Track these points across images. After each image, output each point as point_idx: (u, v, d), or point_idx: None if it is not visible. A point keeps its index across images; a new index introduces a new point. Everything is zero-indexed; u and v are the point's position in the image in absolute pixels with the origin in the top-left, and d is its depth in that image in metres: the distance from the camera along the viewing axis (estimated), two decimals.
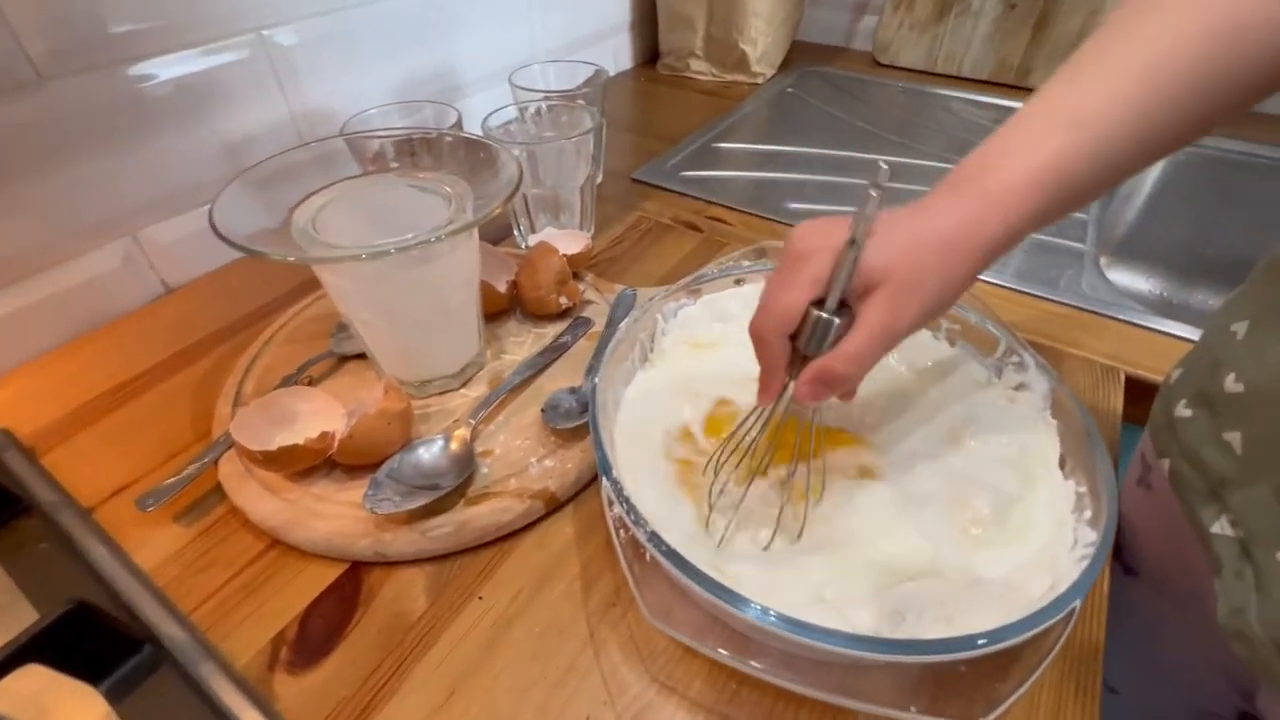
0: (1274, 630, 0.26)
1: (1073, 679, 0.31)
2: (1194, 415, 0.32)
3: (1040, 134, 0.27)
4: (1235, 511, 0.29)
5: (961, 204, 0.27)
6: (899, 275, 0.26)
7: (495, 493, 0.37)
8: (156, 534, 0.37)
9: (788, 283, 0.27)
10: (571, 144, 0.53)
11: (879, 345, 0.27)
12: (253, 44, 0.55)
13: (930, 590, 0.29)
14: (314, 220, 0.36)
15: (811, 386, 0.28)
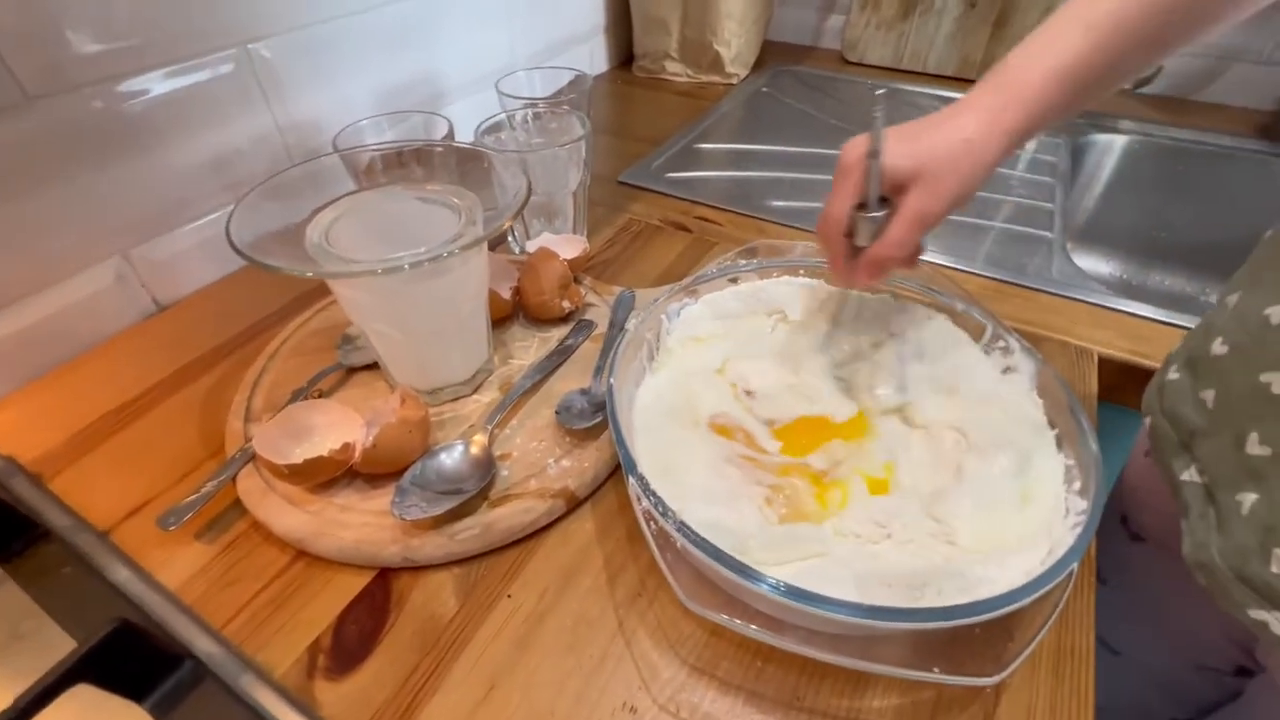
0: (1233, 560, 0.29)
1: (1070, 638, 0.33)
2: (1180, 377, 0.36)
3: (1059, 36, 0.32)
4: (1202, 460, 0.32)
5: (986, 99, 0.32)
6: (926, 172, 0.32)
7: (517, 494, 0.38)
8: (179, 552, 0.37)
9: (836, 193, 0.34)
10: (564, 151, 0.54)
11: (915, 230, 0.33)
12: (237, 58, 0.55)
13: (947, 564, 0.31)
14: (327, 234, 0.36)
15: (869, 270, 0.35)
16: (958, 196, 0.33)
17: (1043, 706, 0.30)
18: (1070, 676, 0.32)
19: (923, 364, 0.41)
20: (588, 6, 0.97)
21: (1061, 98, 0.32)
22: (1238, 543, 0.29)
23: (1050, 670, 0.32)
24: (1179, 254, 0.88)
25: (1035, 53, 0.32)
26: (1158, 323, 0.53)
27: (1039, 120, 0.32)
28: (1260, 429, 0.29)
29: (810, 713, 0.30)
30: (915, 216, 0.32)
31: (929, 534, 0.33)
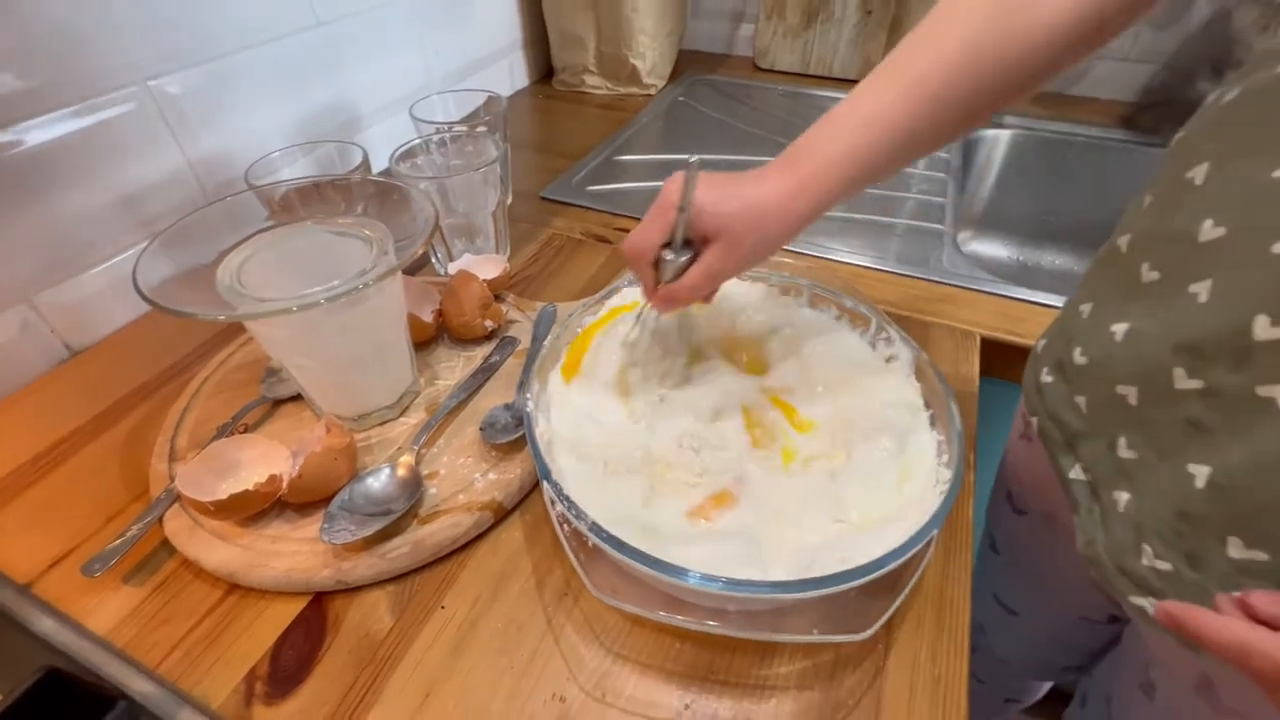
0: (1116, 556, 0.32)
1: (950, 591, 0.37)
2: (1054, 381, 0.39)
3: (840, 129, 0.35)
4: (1085, 460, 0.36)
5: (781, 180, 0.36)
6: (728, 233, 0.36)
7: (446, 510, 0.39)
8: (107, 598, 0.37)
9: (647, 226, 0.37)
10: (479, 174, 0.56)
11: (710, 281, 0.37)
12: (138, 95, 0.54)
13: (837, 539, 0.35)
14: (238, 275, 0.37)
15: (663, 303, 0.39)
16: (750, 259, 0.37)
17: (926, 653, 0.34)
18: (950, 626, 0.36)
19: (811, 358, 0.45)
20: (502, 24, 0.98)
21: (847, 183, 0.35)
22: (1117, 539, 0.32)
23: (934, 623, 0.36)
24: (1065, 235, 0.97)
25: (820, 143, 0.35)
26: (1031, 304, 0.59)
27: (828, 200, 0.36)
28: (1126, 434, 0.32)
29: (724, 684, 0.34)
30: (710, 270, 0.36)
31: (823, 514, 0.36)
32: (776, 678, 0.34)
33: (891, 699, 0.33)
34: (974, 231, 1.01)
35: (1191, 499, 0.28)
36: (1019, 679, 0.66)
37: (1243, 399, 0.26)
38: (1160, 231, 0.31)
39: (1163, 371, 0.29)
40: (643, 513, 0.36)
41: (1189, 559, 0.29)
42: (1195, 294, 0.27)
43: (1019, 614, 0.57)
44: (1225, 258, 0.27)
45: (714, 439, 0.40)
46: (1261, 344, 0.25)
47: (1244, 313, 0.25)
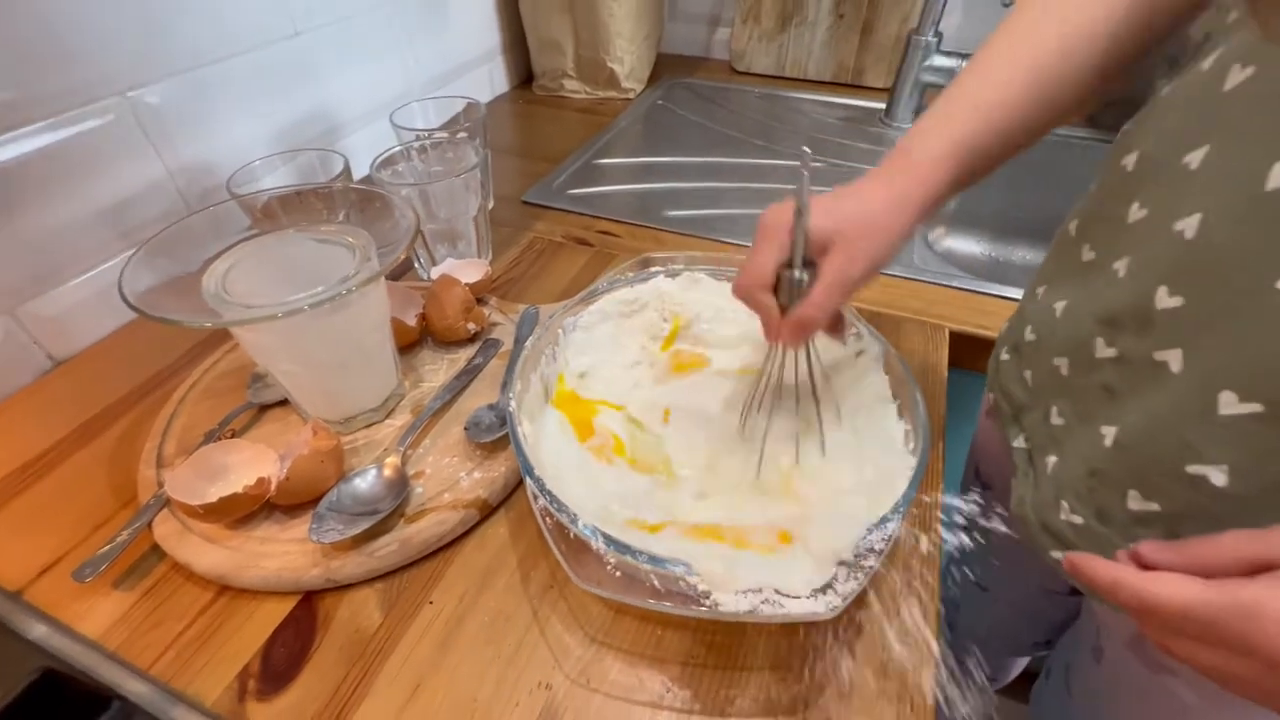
0: (1040, 513, 0.35)
1: (919, 574, 0.39)
2: (1009, 359, 0.41)
3: (950, 116, 0.35)
4: (1026, 430, 0.38)
5: (893, 176, 0.34)
6: (846, 237, 0.33)
7: (432, 508, 0.41)
8: (98, 603, 0.38)
9: (759, 251, 0.34)
10: (460, 180, 0.57)
11: (839, 293, 0.34)
12: (118, 107, 0.55)
13: (808, 524, 0.37)
14: (223, 283, 0.38)
15: (791, 331, 0.35)
16: (874, 261, 0.34)
17: (895, 634, 0.36)
18: (919, 606, 0.37)
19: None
20: (481, 30, 0.99)
21: (956, 175, 0.35)
22: (1042, 497, 0.35)
23: (905, 602, 0.38)
24: (1033, 230, 0.99)
25: (929, 135, 0.34)
26: (999, 298, 0.61)
27: (942, 193, 0.35)
28: (1058, 403, 0.34)
29: (703, 667, 0.35)
30: (836, 279, 0.33)
31: (797, 503, 0.38)
32: (753, 659, 0.35)
33: (861, 677, 0.34)
34: (947, 229, 1.04)
35: (1101, 457, 0.30)
36: (994, 657, 0.68)
37: (1143, 363, 0.28)
38: (1099, 214, 0.33)
39: (1087, 342, 0.31)
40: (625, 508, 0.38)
41: (1098, 513, 0.31)
42: (1116, 270, 0.30)
43: (989, 589, 0.60)
44: (1142, 236, 0.29)
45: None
46: (1161, 312, 0.27)
47: (1149, 284, 0.27)
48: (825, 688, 0.34)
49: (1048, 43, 0.33)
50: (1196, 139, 0.26)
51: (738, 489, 0.39)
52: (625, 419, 0.44)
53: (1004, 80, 0.34)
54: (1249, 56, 0.24)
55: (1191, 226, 0.25)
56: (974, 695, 0.32)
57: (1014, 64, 0.34)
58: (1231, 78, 0.25)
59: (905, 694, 0.34)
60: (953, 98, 0.35)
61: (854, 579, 0.31)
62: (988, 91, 0.34)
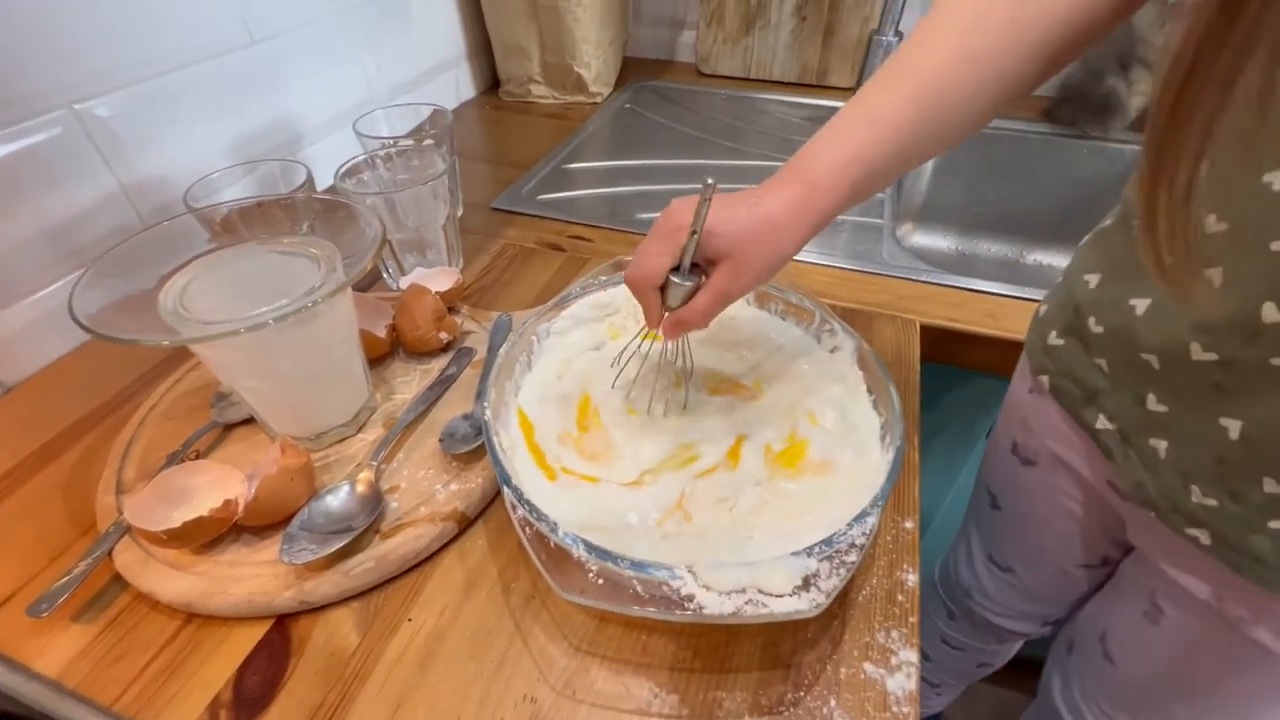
0: (1169, 497, 0.37)
1: (899, 567, 0.39)
2: (1066, 344, 0.42)
3: (845, 131, 0.35)
4: (1109, 411, 0.40)
5: (788, 190, 0.35)
6: (737, 253, 0.35)
7: (409, 523, 0.40)
8: (56, 639, 0.36)
9: (654, 251, 0.36)
10: (428, 188, 0.56)
11: (719, 304, 0.37)
12: (64, 120, 0.53)
13: (784, 523, 0.37)
14: (181, 299, 0.37)
15: (671, 328, 0.38)
16: (760, 276, 0.36)
17: (879, 627, 0.36)
18: (900, 600, 0.38)
19: (754, 351, 0.46)
20: (445, 36, 0.98)
21: (850, 189, 0.35)
22: (1166, 483, 0.36)
23: (885, 597, 0.38)
24: (998, 223, 1.02)
25: (823, 151, 0.35)
26: (967, 290, 0.62)
27: (834, 208, 0.35)
28: (1155, 391, 0.36)
29: (689, 671, 0.35)
30: (721, 293, 0.36)
31: (773, 497, 0.38)
32: (741, 661, 0.35)
33: (848, 674, 0.34)
34: (915, 225, 1.06)
35: (1228, 448, 0.32)
36: (1002, 640, 0.69)
37: (1260, 368, 0.30)
38: None
39: (1179, 343, 0.33)
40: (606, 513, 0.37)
41: (1232, 495, 0.33)
42: (1210, 278, 0.31)
43: (1013, 570, 0.60)
44: (1229, 249, 0.30)
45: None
46: (1270, 325, 0.29)
47: (1253, 299, 0.29)
48: (813, 686, 0.34)
49: (942, 66, 0.34)
50: (1274, 160, 0.27)
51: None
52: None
53: (898, 98, 0.35)
54: None
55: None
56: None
57: (909, 82, 0.35)
58: None
59: (888, 692, 0.34)
60: (849, 112, 0.36)
61: (836, 575, 0.31)
62: (883, 108, 0.35)
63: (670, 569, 0.30)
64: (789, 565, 0.31)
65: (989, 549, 0.63)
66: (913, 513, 0.42)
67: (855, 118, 0.35)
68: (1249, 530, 0.33)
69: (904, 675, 0.34)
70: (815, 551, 0.31)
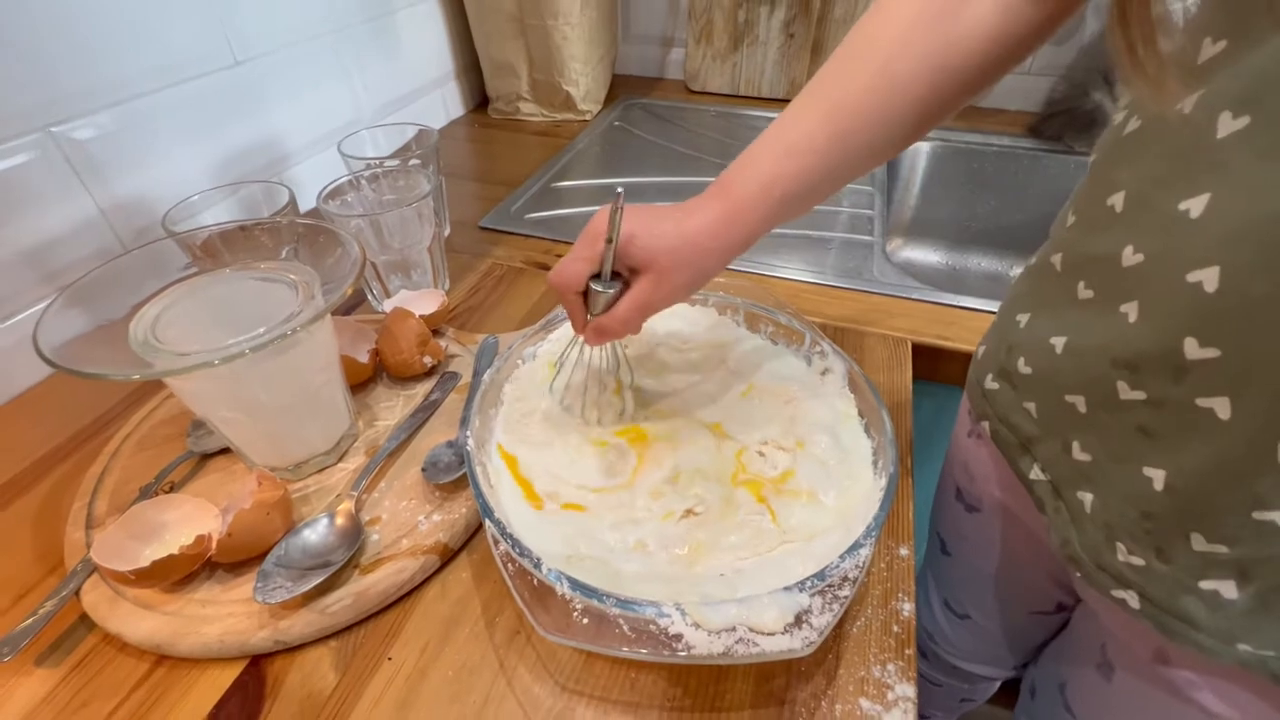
0: (1093, 554, 0.34)
1: (894, 597, 0.38)
2: (1000, 388, 0.40)
3: (764, 159, 0.36)
4: (1042, 460, 0.37)
5: (710, 212, 0.36)
6: (659, 265, 0.35)
7: (389, 556, 0.38)
8: (20, 684, 0.35)
9: (577, 255, 0.36)
10: (413, 209, 0.55)
11: (639, 314, 0.37)
12: (40, 143, 0.52)
13: (776, 555, 0.36)
14: (153, 329, 0.36)
15: (592, 335, 0.39)
16: (680, 290, 0.36)
17: (875, 660, 0.35)
18: (895, 631, 0.37)
19: (743, 379, 0.46)
20: (434, 54, 0.98)
21: (774, 212, 0.36)
22: (1090, 539, 0.34)
23: (880, 629, 0.37)
24: (987, 238, 1.02)
25: (747, 173, 0.36)
26: (958, 308, 0.62)
27: (759, 229, 0.36)
28: (1079, 438, 0.33)
29: (680, 709, 0.33)
30: (640, 303, 0.36)
31: (766, 532, 0.37)
32: (731, 700, 0.34)
33: (844, 710, 0.33)
34: (904, 240, 1.06)
35: (1152, 500, 0.29)
36: (972, 681, 0.68)
37: (1186, 410, 0.27)
38: (1089, 253, 0.32)
39: (1106, 382, 0.30)
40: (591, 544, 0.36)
41: (1158, 553, 0.30)
42: (1125, 313, 0.29)
43: (970, 617, 0.59)
44: (1148, 282, 0.28)
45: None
46: (1195, 362, 0.26)
47: (1173, 335, 0.27)
48: None
49: (858, 94, 0.34)
50: (1191, 186, 0.25)
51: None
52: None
53: (815, 122, 0.35)
54: (1240, 106, 0.24)
55: (1210, 279, 0.25)
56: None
57: (819, 111, 0.35)
58: (1223, 125, 0.24)
59: None
60: (767, 138, 0.36)
61: (829, 610, 0.30)
62: (800, 132, 0.35)
63: (658, 606, 0.29)
64: (780, 601, 0.30)
65: (945, 595, 0.61)
66: (907, 539, 0.41)
67: (775, 146, 0.36)
68: (1180, 591, 0.30)
69: (901, 711, 0.33)
70: (807, 586, 0.30)
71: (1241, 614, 0.29)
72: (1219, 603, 0.29)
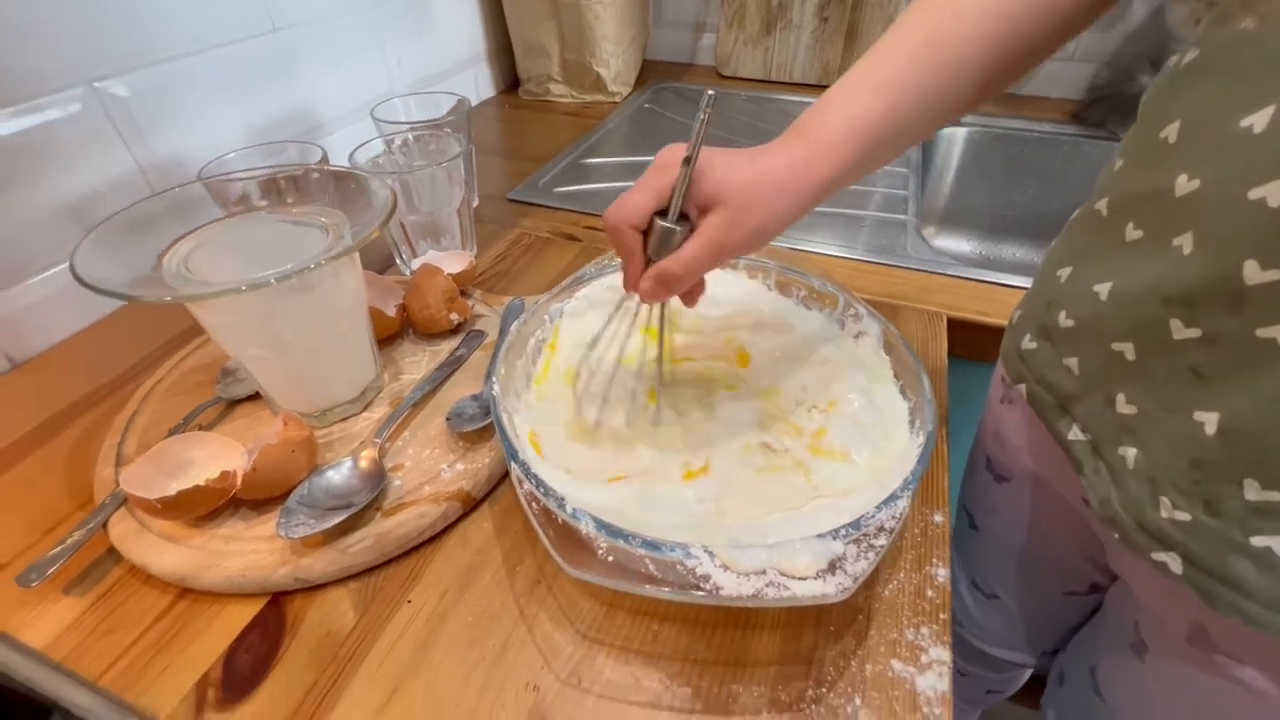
0: (1134, 513, 0.32)
1: (930, 560, 0.37)
2: (1038, 346, 0.38)
3: (850, 98, 0.34)
4: (1082, 420, 0.35)
5: (794, 149, 0.33)
6: (735, 202, 0.32)
7: (411, 501, 0.38)
8: (46, 611, 0.35)
9: (641, 186, 0.33)
10: (442, 170, 0.55)
11: (709, 257, 0.32)
12: (84, 98, 0.53)
13: (811, 508, 0.35)
14: (185, 263, 0.36)
15: (651, 285, 0.33)
16: (756, 233, 0.33)
17: (908, 622, 0.34)
18: (930, 596, 0.35)
19: (777, 337, 0.44)
20: (466, 34, 0.99)
21: (857, 156, 0.34)
22: (1132, 495, 0.32)
23: (914, 592, 0.35)
24: (1023, 227, 0.99)
25: (831, 113, 0.34)
26: (995, 285, 0.60)
27: (840, 173, 0.33)
28: (1124, 390, 0.32)
29: (703, 663, 0.32)
30: (712, 243, 0.32)
31: (798, 489, 0.36)
32: (757, 654, 0.33)
33: (874, 670, 0.32)
34: (938, 227, 1.03)
35: (1204, 446, 0.28)
36: (999, 669, 0.65)
37: (1243, 342, 0.26)
38: (1139, 191, 0.31)
39: (1159, 324, 0.29)
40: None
41: (1206, 506, 0.28)
42: (1179, 246, 0.27)
43: (998, 597, 0.57)
44: (1203, 209, 0.27)
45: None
46: (1254, 288, 0.25)
47: (1232, 260, 0.25)
48: (836, 683, 0.31)
49: (942, 22, 0.33)
50: (1254, 101, 0.24)
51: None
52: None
53: (899, 61, 0.33)
54: None
55: (1275, 194, 0.23)
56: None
57: (909, 42, 0.33)
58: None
59: (917, 691, 0.31)
60: (849, 80, 0.34)
61: (864, 559, 0.29)
62: (884, 71, 0.33)
63: (686, 548, 0.28)
64: (814, 548, 0.28)
65: (971, 574, 0.58)
66: (942, 505, 0.40)
67: (861, 83, 0.34)
68: (1227, 550, 0.28)
69: (935, 674, 0.32)
70: (841, 534, 0.29)
71: None
72: (1272, 562, 0.27)
